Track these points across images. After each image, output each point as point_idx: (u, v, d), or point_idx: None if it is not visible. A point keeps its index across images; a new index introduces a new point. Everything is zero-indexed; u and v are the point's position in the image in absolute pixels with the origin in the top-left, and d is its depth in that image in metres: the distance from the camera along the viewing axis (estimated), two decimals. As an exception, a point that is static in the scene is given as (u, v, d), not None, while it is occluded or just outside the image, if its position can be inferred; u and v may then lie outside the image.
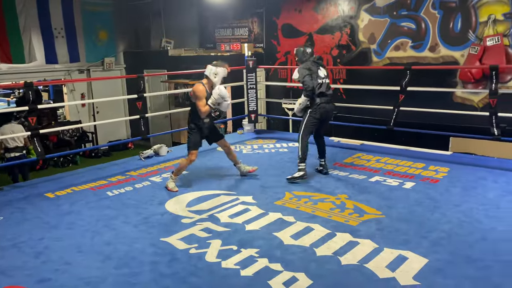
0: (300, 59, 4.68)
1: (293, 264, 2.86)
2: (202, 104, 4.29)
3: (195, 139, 4.44)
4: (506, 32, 6.25)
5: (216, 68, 4.36)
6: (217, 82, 4.36)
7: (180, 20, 10.59)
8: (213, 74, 4.36)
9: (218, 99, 4.29)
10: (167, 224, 3.58)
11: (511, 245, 3.04)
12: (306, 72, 4.48)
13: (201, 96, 4.28)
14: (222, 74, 4.39)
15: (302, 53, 4.65)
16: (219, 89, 4.28)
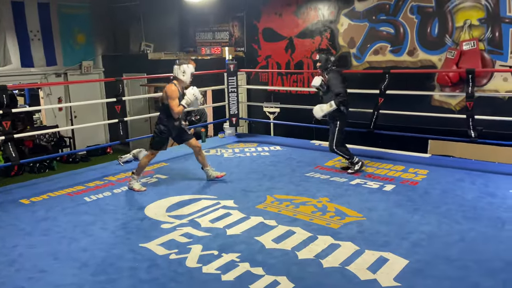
0: (323, 66, 4.74)
1: (275, 268, 2.83)
2: (175, 104, 4.27)
3: (160, 140, 4.47)
4: (481, 37, 6.40)
5: (181, 66, 4.33)
6: (187, 79, 4.37)
7: (160, 23, 10.50)
8: (181, 74, 4.34)
9: (192, 98, 4.30)
10: (146, 229, 3.51)
11: (488, 245, 3.08)
12: (341, 84, 4.63)
13: (174, 96, 4.27)
14: (189, 70, 4.36)
15: (326, 60, 4.72)
16: (193, 90, 4.31)
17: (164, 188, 4.51)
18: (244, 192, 4.32)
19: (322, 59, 4.73)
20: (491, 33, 6.31)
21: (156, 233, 3.40)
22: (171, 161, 5.63)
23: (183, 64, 4.34)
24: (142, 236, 3.38)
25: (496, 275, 2.69)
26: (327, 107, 4.69)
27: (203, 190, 4.41)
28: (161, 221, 3.65)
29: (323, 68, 4.75)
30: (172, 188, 4.50)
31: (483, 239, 3.18)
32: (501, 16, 6.21)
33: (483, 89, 6.45)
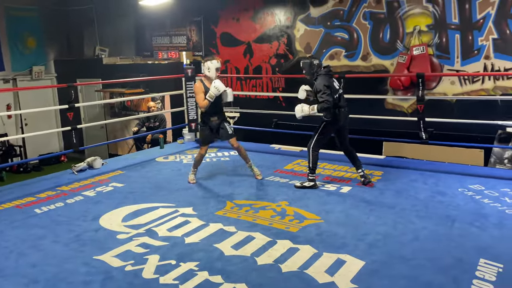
0: (308, 72, 4.45)
1: (234, 275, 2.81)
2: (199, 99, 4.62)
3: (203, 135, 4.83)
4: (430, 42, 6.68)
5: (206, 63, 4.62)
6: (212, 75, 4.60)
7: (115, 27, 10.24)
8: (206, 70, 4.63)
9: (214, 91, 4.50)
10: (101, 241, 3.39)
11: (440, 243, 3.20)
12: (326, 89, 4.24)
13: (197, 91, 4.63)
14: (214, 66, 4.60)
15: (310, 65, 4.41)
16: (214, 82, 4.52)
17: (120, 197, 4.38)
18: (203, 199, 4.27)
19: (305, 65, 4.44)
20: (438, 39, 6.61)
21: (111, 244, 3.29)
22: (128, 168, 5.48)
23: (208, 61, 4.62)
24: (96, 248, 3.26)
25: (447, 272, 2.79)
26: (308, 110, 4.42)
27: (161, 198, 4.31)
28: (117, 231, 3.54)
29: (308, 75, 4.47)
30: (128, 197, 4.38)
31: (435, 237, 3.30)
32: (447, 22, 6.52)
33: (432, 92, 6.73)
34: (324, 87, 4.26)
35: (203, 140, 4.82)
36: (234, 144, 4.80)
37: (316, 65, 4.40)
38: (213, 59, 4.62)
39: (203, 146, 4.80)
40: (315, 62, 4.41)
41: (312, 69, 4.41)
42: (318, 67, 4.41)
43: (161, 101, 8.66)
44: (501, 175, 4.79)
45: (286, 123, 7.63)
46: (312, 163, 4.49)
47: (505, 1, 6.06)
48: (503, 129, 6.02)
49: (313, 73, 4.41)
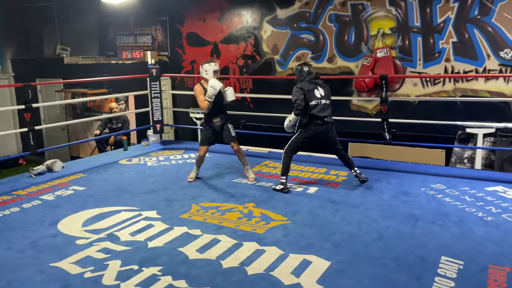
0: (297, 78, 4.46)
1: (199, 279, 2.74)
2: (200, 100, 4.67)
3: (204, 135, 4.82)
4: (393, 44, 6.84)
5: (203, 66, 4.68)
6: (210, 77, 4.63)
7: (77, 25, 9.92)
8: (204, 73, 4.68)
9: (211, 90, 4.53)
10: (59, 247, 3.23)
11: (403, 242, 3.25)
12: (299, 92, 4.27)
13: (197, 94, 4.71)
14: (211, 68, 4.64)
15: (300, 72, 4.44)
16: (210, 82, 4.56)
17: (80, 201, 4.21)
18: (168, 202, 4.16)
19: (296, 71, 4.48)
20: (401, 42, 6.77)
21: (70, 251, 3.14)
22: (90, 171, 5.29)
23: (206, 63, 4.68)
24: (54, 254, 3.10)
25: (411, 270, 2.83)
26: (288, 118, 4.52)
27: (124, 202, 4.18)
28: (76, 236, 3.39)
29: (298, 81, 4.44)
30: (89, 201, 4.22)
31: (399, 237, 3.34)
32: (409, 25, 6.69)
33: (396, 94, 6.89)
34: (296, 90, 4.31)
35: (203, 139, 4.81)
36: (235, 147, 4.78)
37: (306, 72, 4.41)
38: (211, 62, 4.67)
39: (203, 146, 4.78)
40: (304, 69, 4.42)
41: (302, 75, 4.42)
42: (308, 74, 4.41)
43: (125, 101, 8.45)
44: (461, 174, 4.94)
45: (254, 124, 7.62)
46: (283, 167, 4.47)
47: (464, 5, 6.29)
48: (463, 129, 6.23)
49: (301, 80, 4.42)
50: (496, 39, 6.15)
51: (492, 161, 6.15)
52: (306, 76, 4.41)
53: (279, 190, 4.43)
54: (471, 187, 4.47)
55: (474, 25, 6.26)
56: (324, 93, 4.39)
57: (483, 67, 6.29)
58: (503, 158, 5.82)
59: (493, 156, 6.12)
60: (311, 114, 4.31)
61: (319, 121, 4.33)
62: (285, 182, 4.45)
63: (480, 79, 6.35)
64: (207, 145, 4.78)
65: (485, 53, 6.25)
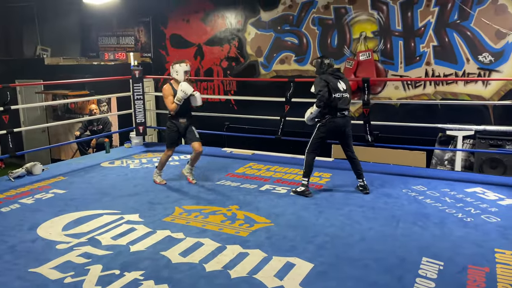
0: (317, 71, 4.44)
1: (181, 283, 2.72)
2: (168, 101, 4.63)
3: (170, 137, 4.78)
4: (375, 48, 6.92)
5: (174, 66, 4.64)
6: (180, 78, 4.60)
7: (57, 26, 9.76)
8: (174, 73, 4.64)
9: (181, 94, 4.50)
10: (38, 252, 3.17)
11: (385, 243, 3.29)
12: (323, 83, 4.22)
13: (166, 94, 4.64)
14: (182, 69, 4.60)
15: (320, 64, 4.39)
16: (181, 85, 4.53)
17: (61, 204, 4.14)
18: (151, 205, 4.12)
19: (316, 64, 4.44)
20: (383, 45, 6.86)
21: (50, 256, 3.09)
22: (71, 174, 5.21)
23: (176, 63, 4.64)
24: (33, 259, 3.04)
25: (392, 271, 2.86)
26: (309, 111, 4.40)
27: (105, 205, 4.12)
28: (56, 241, 3.33)
29: (318, 73, 4.44)
30: (70, 204, 4.15)
31: (381, 238, 3.38)
32: (391, 29, 6.78)
33: (378, 96, 6.96)
34: (320, 81, 4.26)
35: (170, 142, 4.78)
36: (199, 149, 4.72)
37: (327, 65, 4.38)
38: (182, 62, 4.63)
39: (169, 148, 4.78)
40: (325, 62, 4.38)
41: (322, 68, 4.39)
42: (329, 66, 4.38)
43: (107, 103, 8.34)
44: (442, 176, 5.02)
45: (238, 126, 7.61)
46: (306, 167, 4.38)
47: (444, 10, 6.40)
48: (444, 132, 6.33)
49: (322, 72, 4.38)
50: (475, 43, 6.27)
51: (471, 163, 6.27)
52: (327, 69, 4.37)
53: (299, 192, 4.37)
54: (451, 188, 4.55)
55: (454, 29, 6.38)
56: (346, 87, 4.38)
57: (463, 70, 6.41)
58: (482, 160, 5.94)
59: (472, 158, 6.23)
60: (332, 107, 4.28)
61: (339, 113, 4.31)
62: (306, 184, 4.37)
63: (460, 83, 6.47)
64: (173, 147, 4.80)
65: (465, 57, 6.37)
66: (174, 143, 4.80)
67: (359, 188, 4.50)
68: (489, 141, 5.95)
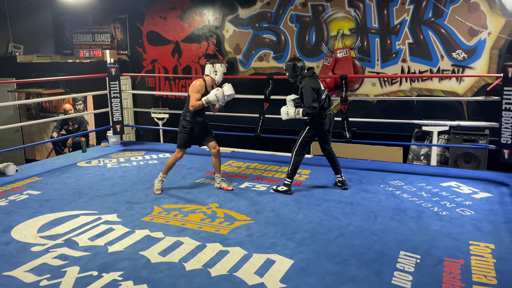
0: (291, 75, 4.21)
1: (161, 283, 2.69)
2: (195, 97, 4.30)
3: (183, 138, 4.42)
4: (353, 45, 6.99)
5: (215, 65, 4.37)
6: (219, 78, 4.37)
7: (30, 23, 9.50)
8: (213, 72, 4.36)
9: (213, 100, 4.25)
10: (12, 255, 3.09)
11: (364, 238, 3.33)
12: (314, 96, 4.05)
13: (197, 89, 4.31)
14: (222, 69, 4.37)
15: (293, 68, 4.16)
16: (225, 89, 4.27)
17: (36, 206, 4.04)
18: (129, 205, 4.07)
19: (288, 67, 4.18)
20: (360, 42, 6.94)
21: (25, 258, 3.01)
22: (46, 174, 5.09)
23: (217, 63, 4.37)
24: (7, 263, 2.96)
25: (371, 265, 2.90)
26: (293, 114, 4.19)
27: (82, 206, 4.04)
28: (31, 243, 3.25)
29: (292, 78, 4.24)
30: (45, 205, 4.05)
31: (359, 233, 3.42)
32: (368, 27, 6.86)
33: (355, 93, 7.05)
34: (311, 90, 4.06)
35: (183, 143, 4.41)
36: (216, 147, 4.49)
37: (300, 68, 4.18)
38: (221, 62, 4.39)
39: (182, 149, 4.42)
40: (298, 64, 4.16)
41: (296, 71, 4.18)
42: (302, 69, 4.20)
43: (83, 102, 8.18)
44: (418, 171, 5.12)
45: (218, 124, 7.57)
46: (292, 168, 4.30)
47: (418, 8, 6.52)
48: (419, 128, 6.47)
49: (297, 75, 4.19)
50: (449, 40, 6.42)
51: (446, 157, 6.42)
52: (301, 72, 4.19)
53: (282, 191, 4.33)
54: (427, 183, 4.65)
55: (428, 27, 6.51)
56: (324, 86, 4.31)
57: (437, 67, 6.55)
58: (457, 155, 6.09)
59: (447, 153, 6.38)
60: (320, 108, 4.19)
61: (327, 112, 4.25)
62: (290, 184, 4.33)
63: (435, 79, 6.61)
64: (185, 148, 4.45)
65: (439, 54, 6.51)
66: (186, 144, 4.43)
67: (338, 183, 4.54)
68: (463, 136, 6.11)
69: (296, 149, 4.35)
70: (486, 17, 6.16)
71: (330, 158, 4.53)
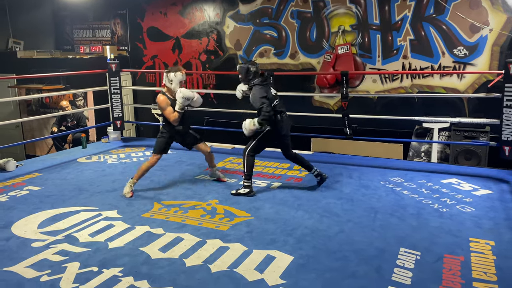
0: (243, 79, 4.19)
1: (161, 279, 2.70)
2: (168, 112, 4.27)
3: (161, 143, 4.38)
4: (354, 41, 6.97)
5: (169, 75, 4.30)
6: (175, 87, 4.30)
7: (31, 18, 9.46)
8: (168, 82, 4.31)
9: (184, 102, 4.21)
10: (13, 250, 3.09)
11: (363, 235, 3.33)
12: (264, 100, 3.99)
13: (164, 106, 4.28)
14: (178, 78, 4.30)
15: (246, 72, 4.13)
16: (181, 92, 4.21)
17: (36, 202, 4.04)
18: (129, 201, 4.07)
19: (242, 70, 4.16)
20: (361, 39, 6.92)
21: (25, 254, 3.02)
22: (46, 170, 5.09)
23: (171, 72, 4.30)
24: (7, 258, 2.97)
25: (371, 262, 2.91)
26: (250, 125, 4.08)
27: (83, 202, 4.05)
28: (32, 239, 3.26)
29: (243, 81, 4.22)
30: (46, 201, 4.06)
31: (359, 229, 3.42)
32: (369, 23, 6.84)
33: (356, 90, 7.03)
34: (260, 100, 4.02)
35: (159, 147, 4.34)
36: (207, 149, 4.53)
37: (253, 72, 4.14)
38: (177, 71, 4.27)
39: (156, 154, 4.35)
40: (252, 69, 4.13)
41: (248, 75, 4.15)
42: (255, 74, 4.15)
43: (83, 97, 8.17)
44: (418, 168, 5.12)
45: (218, 120, 7.57)
46: (247, 168, 4.21)
47: (420, 4, 6.49)
48: (420, 124, 6.45)
49: (249, 79, 4.17)
50: (450, 37, 6.39)
51: (447, 154, 6.41)
52: (253, 77, 4.15)
53: (243, 194, 4.19)
54: (428, 180, 4.64)
55: (430, 23, 6.48)
56: (275, 91, 4.28)
57: (438, 64, 6.53)
58: (457, 152, 6.08)
59: (448, 150, 6.38)
60: (278, 112, 4.17)
61: (282, 114, 4.23)
62: (250, 185, 4.24)
63: (436, 76, 6.60)
64: (161, 154, 4.40)
65: (440, 51, 6.49)
66: (162, 150, 4.36)
67: (317, 177, 4.43)
68: (464, 133, 6.10)
69: (248, 150, 4.25)
70: (487, 14, 6.13)
71: (295, 159, 4.42)
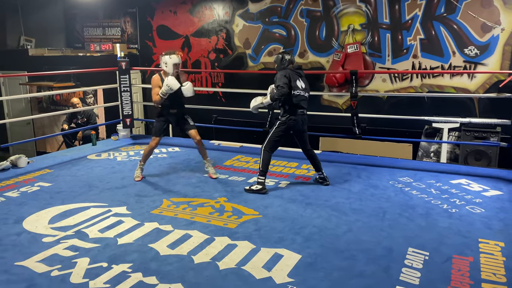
0: (278, 67, 4.30)
1: (170, 275, 2.72)
2: (154, 92, 4.50)
3: (158, 126, 4.62)
4: (363, 40, 6.94)
5: (163, 57, 4.46)
6: (169, 70, 4.45)
7: (42, 16, 9.57)
8: (163, 65, 4.47)
9: (167, 89, 4.35)
10: (24, 245, 3.14)
11: (371, 234, 3.32)
12: (285, 80, 4.08)
13: (153, 85, 4.52)
14: (171, 61, 4.42)
15: (281, 60, 4.26)
16: (167, 80, 4.34)
17: (47, 198, 4.09)
18: (138, 197, 4.10)
19: (277, 59, 4.30)
20: (371, 38, 6.89)
21: (36, 249, 3.06)
22: (57, 167, 5.15)
23: (166, 55, 4.45)
24: (18, 253, 3.01)
25: (379, 261, 2.90)
26: (261, 99, 4.26)
27: (92, 198, 4.09)
28: (42, 234, 3.30)
29: (278, 69, 4.30)
30: (56, 197, 4.11)
31: (367, 229, 3.42)
32: (379, 22, 6.80)
33: (365, 89, 7.00)
34: (282, 79, 4.10)
35: (156, 130, 4.61)
36: (196, 136, 4.62)
37: (287, 60, 4.25)
38: (171, 54, 4.41)
39: (155, 137, 4.60)
40: (286, 57, 4.25)
41: (283, 64, 4.25)
42: (289, 63, 4.26)
43: (93, 95, 8.25)
44: (427, 168, 5.09)
45: (226, 118, 7.59)
46: (262, 165, 4.25)
47: (430, 3, 6.44)
48: (430, 124, 6.41)
49: (282, 68, 4.25)
50: (461, 36, 6.34)
51: (456, 155, 6.37)
52: (287, 65, 4.26)
53: (256, 190, 4.23)
54: (437, 180, 4.62)
55: (440, 22, 6.43)
56: (305, 86, 4.31)
57: (449, 63, 6.48)
58: (467, 152, 6.03)
59: (457, 150, 6.33)
60: (293, 104, 4.20)
61: (300, 110, 4.24)
62: (263, 182, 4.26)
63: (446, 75, 6.55)
64: (160, 137, 4.62)
65: (451, 50, 6.44)
66: (161, 132, 4.61)
67: (319, 180, 4.50)
68: (474, 134, 6.05)
69: (265, 145, 4.33)
70: (499, 13, 6.07)
71: (310, 156, 4.49)
